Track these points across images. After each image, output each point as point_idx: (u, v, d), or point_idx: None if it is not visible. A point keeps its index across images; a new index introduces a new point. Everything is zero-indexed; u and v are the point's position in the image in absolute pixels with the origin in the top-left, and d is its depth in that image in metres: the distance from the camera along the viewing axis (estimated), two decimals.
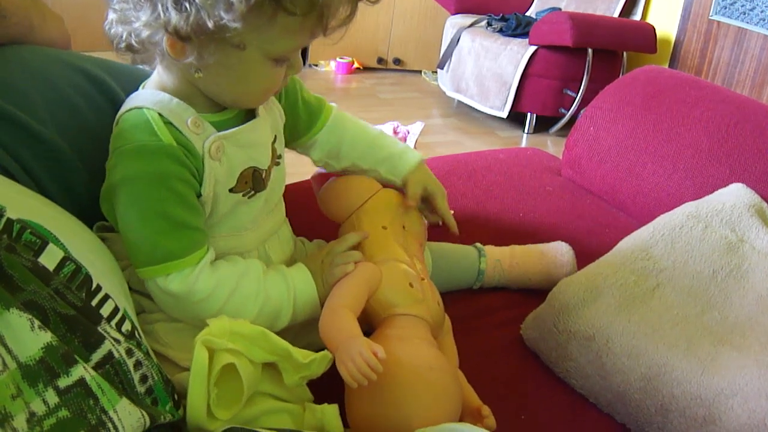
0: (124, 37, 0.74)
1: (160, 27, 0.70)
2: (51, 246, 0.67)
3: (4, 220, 0.64)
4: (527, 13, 3.93)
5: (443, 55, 3.89)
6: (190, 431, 0.74)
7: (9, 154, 0.76)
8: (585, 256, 1.16)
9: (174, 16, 0.69)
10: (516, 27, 3.55)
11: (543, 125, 3.60)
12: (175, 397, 0.74)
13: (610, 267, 1.03)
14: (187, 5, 0.68)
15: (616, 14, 3.60)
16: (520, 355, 1.05)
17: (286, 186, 0.99)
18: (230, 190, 0.83)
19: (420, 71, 4.75)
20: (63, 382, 0.57)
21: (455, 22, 3.90)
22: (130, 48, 0.75)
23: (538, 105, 3.40)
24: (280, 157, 0.93)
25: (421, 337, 0.85)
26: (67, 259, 0.67)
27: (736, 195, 1.17)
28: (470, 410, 0.84)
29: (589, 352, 0.94)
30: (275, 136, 0.92)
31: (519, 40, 3.43)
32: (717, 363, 0.87)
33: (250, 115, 0.86)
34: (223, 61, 0.75)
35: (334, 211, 1.05)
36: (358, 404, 0.78)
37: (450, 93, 3.91)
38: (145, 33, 0.72)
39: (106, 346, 0.64)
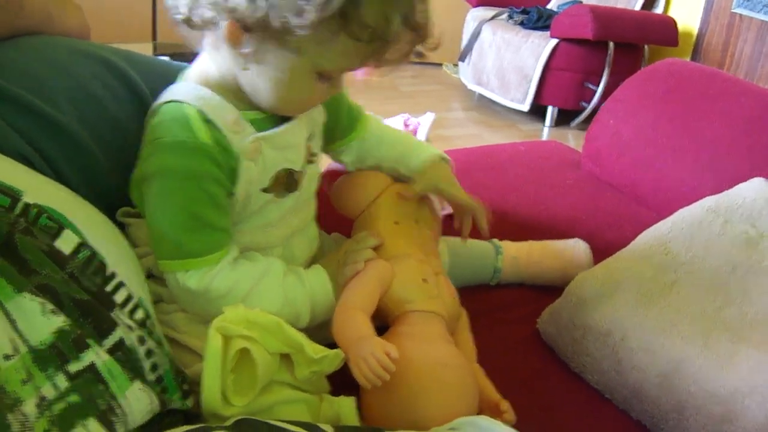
0: (184, 9, 0.74)
1: (225, 11, 0.70)
2: (67, 231, 0.67)
3: (21, 204, 0.64)
4: (548, 6, 3.89)
5: (464, 47, 3.87)
6: (206, 418, 0.74)
7: (28, 143, 0.77)
8: (603, 249, 1.14)
9: (244, 5, 0.69)
10: (537, 20, 3.52)
11: (564, 118, 3.57)
12: (185, 387, 0.75)
13: (628, 261, 1.01)
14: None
15: (637, 7, 3.55)
16: (537, 350, 1.04)
17: None
18: (263, 190, 0.84)
19: (441, 64, 4.73)
20: (74, 367, 0.57)
21: (477, 14, 3.88)
22: (188, 22, 0.75)
23: (559, 98, 3.38)
24: (314, 155, 0.93)
25: (435, 333, 0.84)
26: (82, 244, 0.68)
27: (756, 190, 1.15)
28: (489, 405, 0.83)
29: (605, 347, 0.93)
30: (310, 133, 0.92)
31: (540, 32, 3.40)
32: (735, 360, 0.85)
33: (289, 117, 0.86)
34: (274, 62, 0.75)
35: (346, 208, 1.05)
36: (373, 402, 0.78)
37: (471, 86, 3.89)
38: (209, 13, 0.72)
39: (118, 333, 0.65)
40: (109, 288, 0.69)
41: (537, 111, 3.60)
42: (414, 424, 0.74)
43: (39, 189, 0.70)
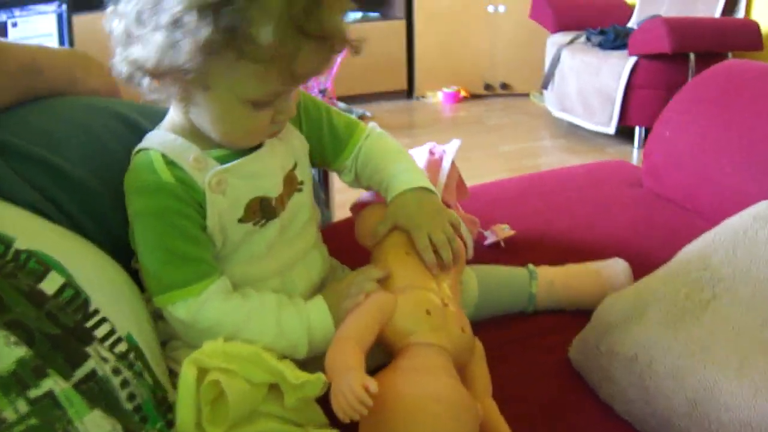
0: (125, 73, 0.78)
1: (133, 65, 0.75)
2: (53, 273, 0.73)
3: (12, 250, 0.71)
4: (628, 25, 3.76)
5: (546, 74, 3.79)
6: None
7: (42, 195, 0.83)
8: (656, 267, 1.05)
9: (139, 55, 0.73)
10: (615, 39, 3.40)
11: None
12: (170, 416, 0.75)
13: (661, 279, 0.93)
14: (150, 44, 0.72)
15: (718, 14, 3.35)
16: (567, 380, 0.96)
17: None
18: (239, 221, 0.84)
19: (527, 94, 4.65)
20: (33, 393, 0.61)
21: (556, 40, 3.80)
22: (126, 80, 0.79)
23: (644, 117, 3.22)
24: (302, 183, 0.92)
25: (436, 366, 0.80)
26: (67, 285, 0.73)
27: None
28: None
29: (632, 374, 0.85)
30: (295, 163, 0.91)
31: (618, 52, 3.28)
32: None
33: (257, 146, 0.86)
34: (201, 101, 0.78)
35: (362, 240, 1.02)
36: (368, 430, 0.75)
37: (556, 113, 3.80)
38: (125, 68, 0.76)
39: (90, 364, 0.68)
40: (89, 323, 0.73)
41: (626, 133, 3.45)
42: None
43: (36, 235, 0.76)
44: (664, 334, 0.85)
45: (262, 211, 0.85)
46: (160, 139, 0.83)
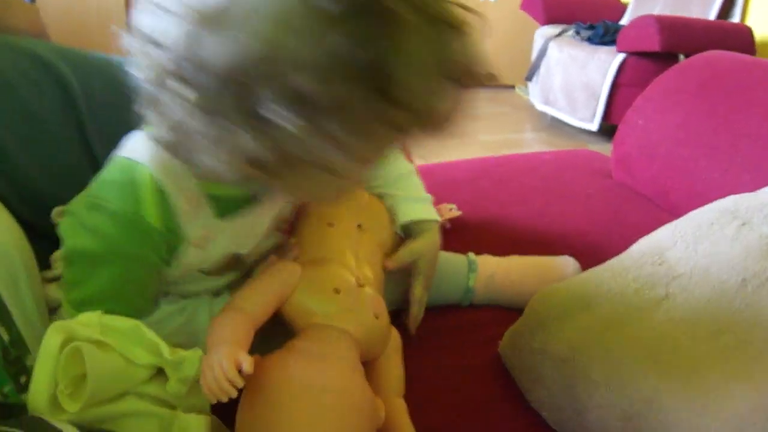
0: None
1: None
2: None
3: None
4: (620, 22, 3.65)
5: (531, 66, 3.67)
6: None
7: None
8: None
9: None
10: (604, 34, 3.28)
11: None
12: (22, 379, 0.66)
13: (610, 272, 0.81)
14: None
15: (712, 16, 3.24)
16: (497, 378, 0.84)
17: None
18: (200, 270, 0.74)
19: (513, 86, 4.53)
20: None
21: (544, 32, 3.68)
22: None
23: None
24: (284, 222, 0.84)
25: (336, 353, 0.69)
26: None
27: None
28: None
29: (564, 377, 0.73)
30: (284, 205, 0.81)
31: (607, 47, 3.16)
32: (724, 405, 0.63)
33: None
34: None
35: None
36: (242, 419, 0.66)
37: (539, 106, 3.68)
38: None
39: None
40: None
41: (609, 131, 3.34)
42: None
43: None
44: (605, 334, 0.72)
45: (231, 264, 0.76)
46: (155, 151, 0.66)
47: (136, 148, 0.67)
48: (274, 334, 0.72)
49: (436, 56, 0.54)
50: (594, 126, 3.21)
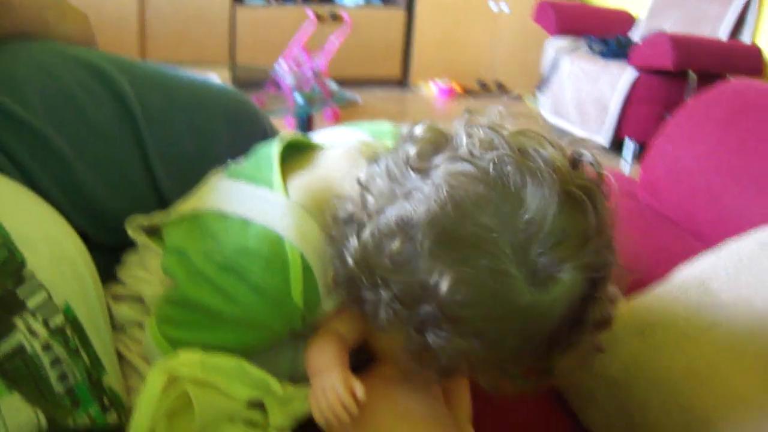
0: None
1: None
2: None
3: None
4: (629, 35, 3.70)
5: (543, 78, 3.72)
6: None
7: None
8: (644, 285, 0.98)
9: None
10: (617, 49, 3.34)
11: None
12: (105, 401, 0.68)
13: (658, 300, 0.86)
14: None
15: (722, 35, 3.30)
16: (549, 399, 0.89)
17: None
18: None
19: (521, 96, 4.59)
20: None
21: (555, 43, 3.73)
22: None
23: (638, 131, 3.16)
24: None
25: (421, 381, 0.71)
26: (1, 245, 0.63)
27: None
28: None
29: (619, 400, 0.78)
30: None
31: (619, 62, 3.22)
32: None
33: None
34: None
35: None
36: None
37: (549, 117, 3.73)
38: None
39: (17, 338, 0.60)
40: (22, 290, 0.64)
41: (619, 146, 3.39)
42: None
43: None
44: (660, 361, 0.78)
45: None
46: (300, 228, 0.67)
47: (277, 218, 0.67)
48: None
49: None
50: (604, 140, 3.26)
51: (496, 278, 0.54)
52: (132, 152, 0.81)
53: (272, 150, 0.74)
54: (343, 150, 0.76)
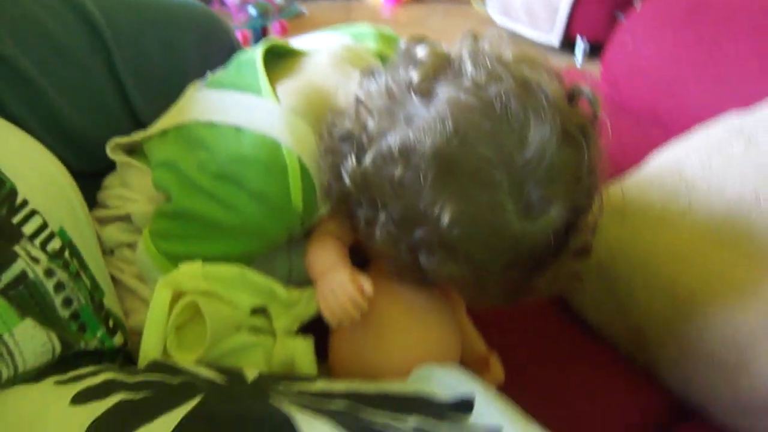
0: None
1: None
2: None
3: None
4: None
5: None
6: None
7: None
8: (614, 175, 1.02)
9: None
10: None
11: (598, 52, 3.36)
12: (110, 323, 0.69)
13: (636, 187, 0.89)
14: None
15: None
16: None
17: None
18: None
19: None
20: None
21: None
22: None
23: (589, 30, 3.16)
24: None
25: None
26: None
27: None
28: (476, 359, 0.74)
29: (604, 281, 0.82)
30: None
31: None
32: (754, 301, 0.72)
33: None
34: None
35: None
36: (341, 341, 0.70)
37: (498, 19, 3.69)
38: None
39: (19, 266, 0.59)
40: (17, 218, 0.63)
41: (570, 47, 3.39)
42: (377, 370, 0.66)
43: None
44: (642, 243, 0.81)
45: None
46: (297, 133, 0.67)
47: (271, 124, 0.67)
48: None
49: None
50: (554, 40, 3.26)
51: (494, 211, 0.56)
52: (103, 73, 0.79)
53: (255, 56, 0.74)
54: (329, 55, 0.75)
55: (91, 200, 0.78)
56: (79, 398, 0.48)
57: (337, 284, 0.64)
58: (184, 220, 0.69)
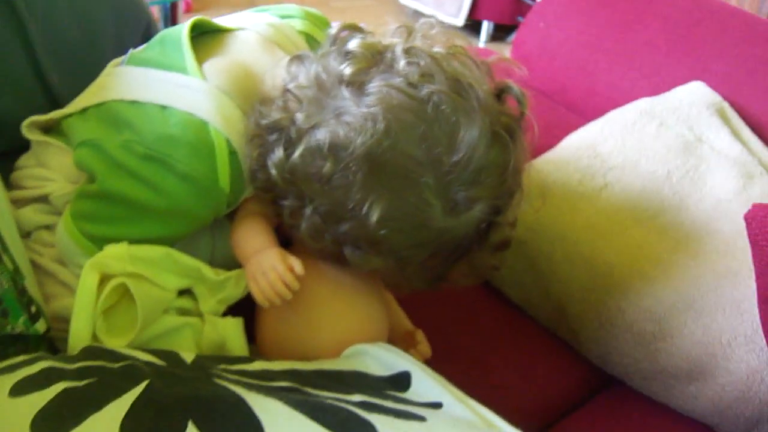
0: None
1: None
2: None
3: None
4: None
5: None
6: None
7: None
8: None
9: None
10: None
11: (501, 34, 3.43)
12: (32, 309, 0.64)
13: (552, 164, 0.91)
14: None
15: None
16: None
17: None
18: None
19: None
20: None
21: None
22: None
23: (494, 12, 3.22)
24: None
25: None
26: None
27: (694, 93, 1.05)
28: (402, 336, 0.74)
29: (526, 258, 0.83)
30: None
31: None
32: (670, 273, 0.76)
33: None
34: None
35: None
36: (269, 322, 0.69)
37: (404, 0, 3.70)
38: None
39: None
40: None
41: (474, 27, 3.44)
42: (308, 350, 0.65)
43: None
44: (560, 219, 0.83)
45: None
46: (223, 112, 0.64)
47: (198, 103, 0.65)
48: None
49: None
50: (460, 21, 3.30)
51: (420, 210, 0.57)
52: (16, 48, 0.74)
53: (180, 32, 0.70)
54: (256, 34, 0.74)
55: (4, 181, 0.72)
56: (19, 389, 0.45)
57: (268, 265, 0.62)
58: (110, 201, 0.66)
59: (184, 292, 0.70)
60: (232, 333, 0.69)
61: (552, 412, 0.79)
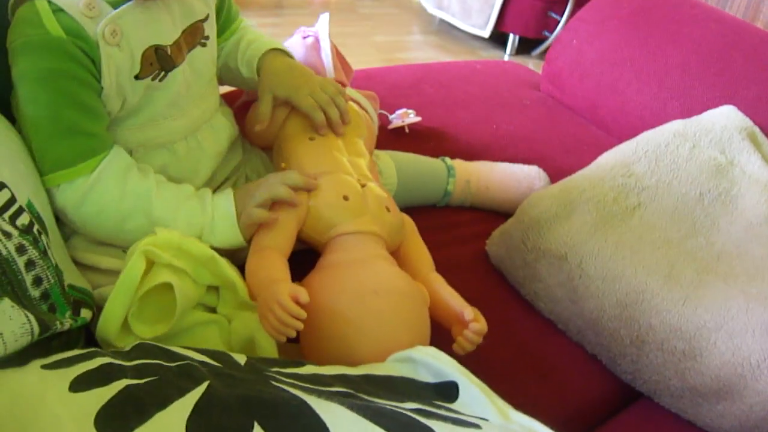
0: None
1: None
2: None
3: None
4: None
5: None
6: (101, 345, 0.67)
7: None
8: (559, 172, 1.06)
9: None
10: None
11: (526, 48, 3.45)
12: (72, 299, 0.66)
13: (588, 181, 0.93)
14: None
15: None
16: (484, 274, 0.96)
17: None
18: (136, 77, 0.74)
19: None
20: None
21: None
22: None
23: (520, 26, 3.24)
24: (207, 38, 0.84)
25: (367, 254, 0.74)
26: None
27: (726, 116, 1.07)
28: (454, 317, 0.75)
29: (560, 273, 0.85)
30: (207, 14, 0.83)
31: None
32: (700, 293, 0.78)
33: None
34: None
35: (257, 140, 0.95)
36: (307, 338, 0.70)
37: (432, 10, 3.73)
38: None
39: None
40: None
41: (498, 39, 3.46)
42: (348, 359, 0.65)
43: None
44: (594, 236, 0.85)
45: (158, 61, 0.76)
46: None
47: None
48: None
49: None
50: (486, 33, 3.32)
51: None
52: None
53: None
54: None
55: None
56: (79, 384, 0.46)
57: (273, 300, 0.63)
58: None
59: (211, 289, 0.73)
60: (261, 329, 0.70)
61: (580, 426, 0.81)
